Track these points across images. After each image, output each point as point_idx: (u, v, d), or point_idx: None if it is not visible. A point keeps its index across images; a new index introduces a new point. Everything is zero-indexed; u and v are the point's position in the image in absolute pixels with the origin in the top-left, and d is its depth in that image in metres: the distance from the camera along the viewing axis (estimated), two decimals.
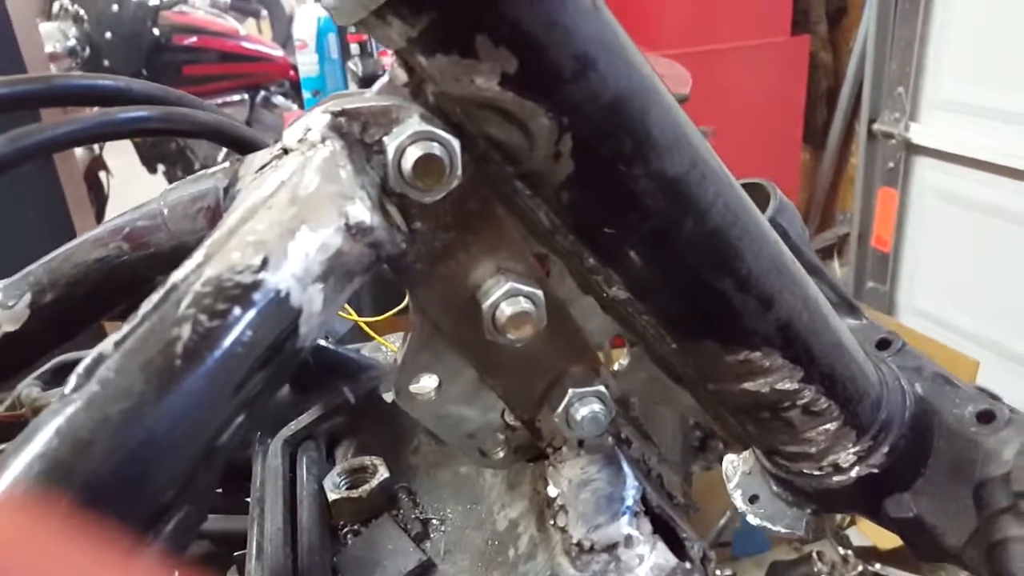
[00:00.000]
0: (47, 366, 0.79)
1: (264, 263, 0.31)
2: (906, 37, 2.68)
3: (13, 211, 1.94)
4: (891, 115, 2.80)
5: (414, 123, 0.36)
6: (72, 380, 0.27)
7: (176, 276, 0.31)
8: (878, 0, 2.71)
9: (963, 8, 2.52)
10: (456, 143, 0.36)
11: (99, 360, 0.28)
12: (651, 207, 0.38)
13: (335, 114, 0.36)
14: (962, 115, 2.58)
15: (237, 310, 0.30)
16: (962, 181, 2.63)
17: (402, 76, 0.37)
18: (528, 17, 0.33)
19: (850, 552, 2.36)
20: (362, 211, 0.34)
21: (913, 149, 2.79)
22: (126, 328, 0.29)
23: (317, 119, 0.36)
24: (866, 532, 2.39)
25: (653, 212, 0.38)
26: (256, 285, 0.30)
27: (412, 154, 0.36)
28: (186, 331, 0.28)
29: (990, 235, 2.55)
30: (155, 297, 0.30)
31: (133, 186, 4.18)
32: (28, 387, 0.79)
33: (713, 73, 2.70)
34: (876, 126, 2.86)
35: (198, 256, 0.31)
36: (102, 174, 4.11)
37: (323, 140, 0.36)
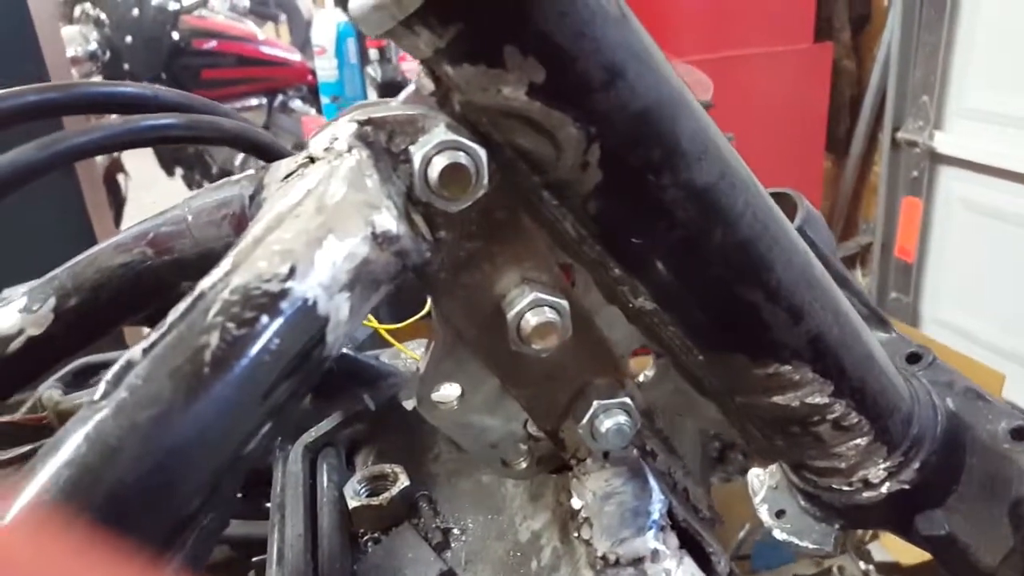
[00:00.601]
0: (68, 368, 0.80)
1: (291, 272, 0.31)
2: (931, 44, 2.65)
3: (33, 213, 1.96)
4: (915, 123, 2.77)
5: (440, 132, 0.36)
6: (101, 387, 0.27)
7: (204, 284, 0.31)
8: (902, 7, 2.68)
9: (989, 15, 2.49)
10: (483, 152, 0.36)
11: (128, 367, 0.28)
12: (680, 217, 0.37)
13: (361, 123, 0.36)
14: (988, 124, 2.55)
15: (265, 318, 0.29)
16: (987, 191, 2.60)
17: (429, 85, 0.37)
18: (557, 28, 0.32)
19: (872, 567, 2.33)
20: (388, 220, 0.34)
21: (937, 158, 2.76)
22: (154, 336, 0.29)
23: (343, 128, 0.36)
24: (888, 547, 2.35)
25: (682, 222, 0.38)
26: (283, 294, 0.30)
27: (438, 163, 0.36)
28: (214, 339, 0.28)
29: (1016, 246, 2.51)
30: (183, 305, 0.30)
31: (152, 190, 4.23)
32: (49, 389, 0.79)
33: (735, 80, 2.69)
34: (900, 134, 2.83)
35: (225, 264, 0.31)
36: (120, 177, 4.15)
37: (350, 149, 0.36)
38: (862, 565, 2.34)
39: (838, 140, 3.27)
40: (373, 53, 2.84)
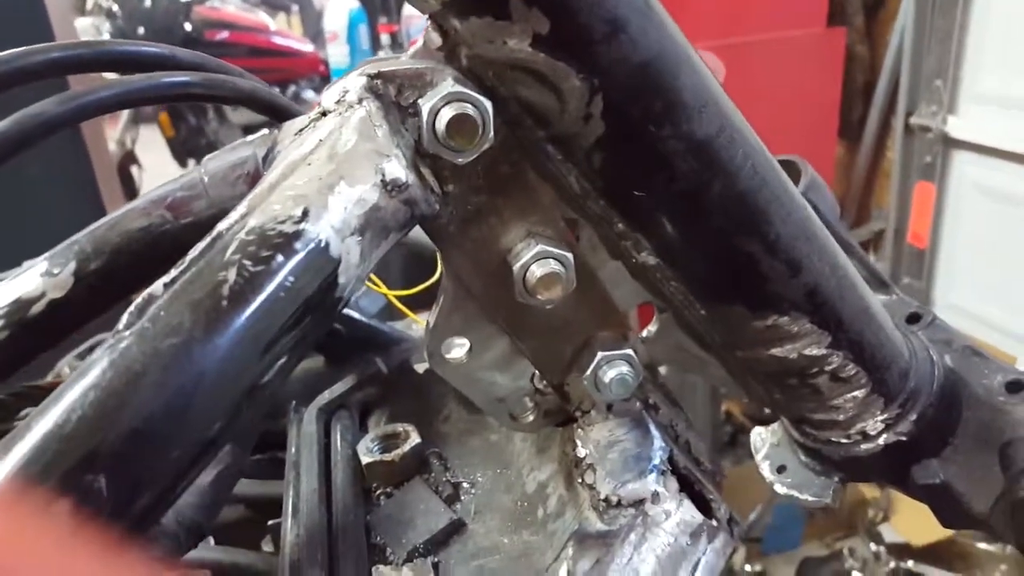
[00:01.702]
0: (85, 345, 0.81)
1: (305, 214, 0.32)
2: (944, 29, 2.63)
3: (49, 202, 1.99)
4: (928, 108, 2.75)
5: (448, 85, 0.37)
6: (124, 318, 0.29)
7: (221, 226, 0.32)
8: None
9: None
10: (488, 104, 0.37)
11: (149, 300, 0.29)
12: (680, 168, 0.38)
13: (371, 76, 0.37)
14: (1002, 108, 2.53)
15: (280, 257, 0.31)
16: (1001, 175, 2.58)
17: (436, 40, 0.38)
18: None
19: (882, 548, 2.34)
20: (397, 168, 0.36)
21: (951, 143, 2.74)
22: (174, 271, 0.30)
23: (354, 82, 0.38)
24: (899, 529, 2.36)
25: (682, 174, 0.39)
26: (297, 235, 0.32)
27: (446, 115, 0.37)
28: (232, 275, 0.30)
29: None
30: (201, 244, 0.31)
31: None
32: (68, 364, 0.81)
33: (748, 65, 2.67)
34: (913, 120, 2.81)
35: (242, 208, 0.33)
36: (134, 168, 4.19)
37: (360, 101, 0.37)
38: (872, 546, 2.34)
39: (851, 125, 3.25)
40: (385, 39, 2.86)
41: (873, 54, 3.20)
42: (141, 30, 4.38)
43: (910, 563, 2.28)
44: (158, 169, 4.44)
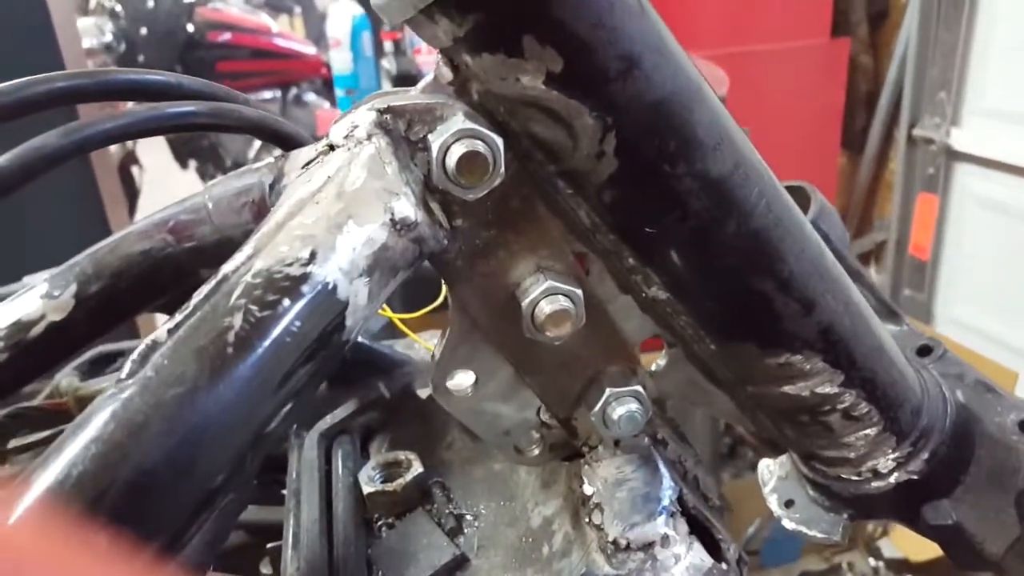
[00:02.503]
0: (85, 357, 0.81)
1: (312, 256, 0.31)
2: (948, 41, 2.63)
3: (50, 204, 1.99)
4: (932, 120, 2.76)
5: (458, 121, 0.36)
6: (127, 366, 0.28)
7: (227, 268, 0.31)
8: (920, 3, 2.66)
9: (1007, 12, 2.47)
10: (500, 141, 0.37)
11: (153, 347, 0.29)
12: (694, 207, 0.38)
13: (381, 111, 0.37)
14: (1005, 122, 2.53)
15: (287, 301, 0.30)
16: (1004, 189, 2.58)
17: (447, 74, 0.38)
18: (574, 17, 0.33)
19: (881, 564, 2.33)
20: (407, 207, 0.35)
21: (953, 155, 2.74)
22: (179, 317, 0.30)
23: (363, 116, 0.37)
24: (898, 544, 2.35)
25: (695, 212, 0.38)
26: (305, 277, 0.31)
27: (456, 151, 0.36)
28: (238, 320, 0.29)
29: None
30: (206, 288, 0.31)
31: (166, 183, 4.26)
32: (66, 377, 0.80)
33: (751, 75, 2.68)
34: (916, 131, 2.81)
35: (248, 249, 0.32)
36: (134, 169, 4.18)
37: (369, 137, 0.36)
38: (872, 561, 2.33)
39: (854, 136, 3.25)
40: (388, 46, 2.85)
41: (877, 65, 3.20)
42: (144, 31, 4.37)
43: None
44: (159, 169, 4.43)
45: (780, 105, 2.85)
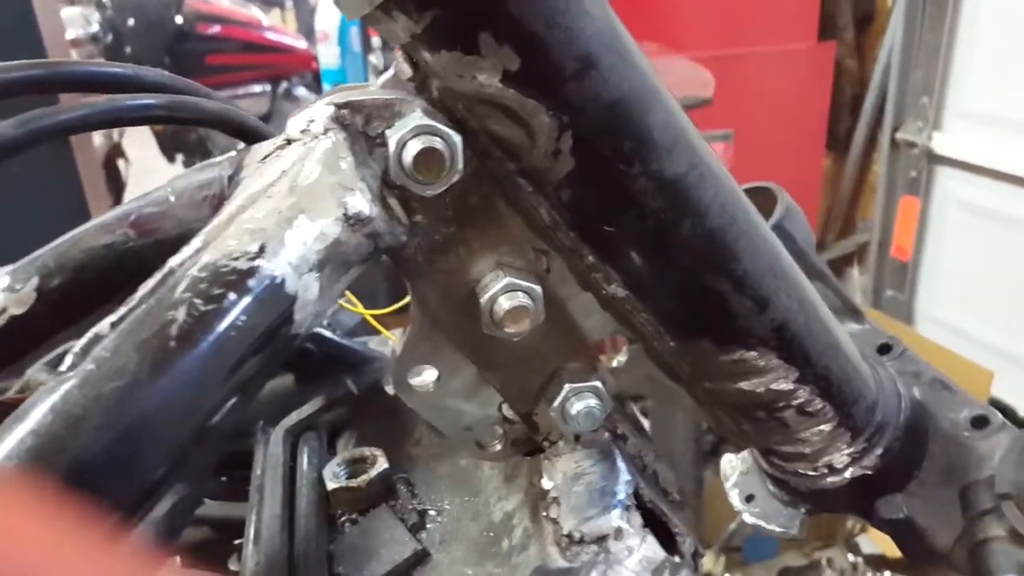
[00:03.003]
0: (56, 352, 0.80)
1: (261, 250, 0.32)
2: (932, 46, 2.65)
3: (29, 196, 1.97)
4: (914, 124, 2.78)
5: (416, 117, 0.37)
6: (68, 359, 0.28)
7: (174, 261, 0.31)
8: (905, 8, 2.68)
9: (989, 18, 2.49)
10: (457, 138, 0.37)
11: (95, 340, 0.29)
12: (649, 206, 0.38)
13: (339, 106, 0.37)
14: (986, 126, 2.56)
15: (232, 295, 0.30)
16: (984, 192, 2.60)
17: (407, 71, 0.38)
18: (531, 16, 0.33)
19: (860, 559, 2.35)
20: (361, 202, 0.35)
21: (935, 159, 2.76)
22: (123, 310, 0.30)
23: (320, 111, 0.37)
24: (877, 540, 2.37)
25: (651, 211, 0.38)
26: (251, 272, 0.31)
27: (413, 147, 0.36)
28: (181, 314, 0.29)
29: (1011, 247, 2.52)
30: (152, 281, 0.31)
31: (152, 175, 4.23)
32: (37, 372, 0.80)
33: (738, 77, 2.68)
34: (899, 135, 2.84)
35: (196, 242, 0.32)
36: (120, 162, 4.15)
37: (326, 131, 0.36)
38: (850, 557, 2.36)
39: (839, 139, 3.27)
40: (376, 41, 2.84)
41: (862, 68, 3.22)
42: (131, 21, 4.32)
43: (887, 574, 2.29)
44: (145, 163, 4.40)
45: (767, 107, 2.86)
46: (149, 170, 4.41)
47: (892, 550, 2.28)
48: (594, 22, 0.35)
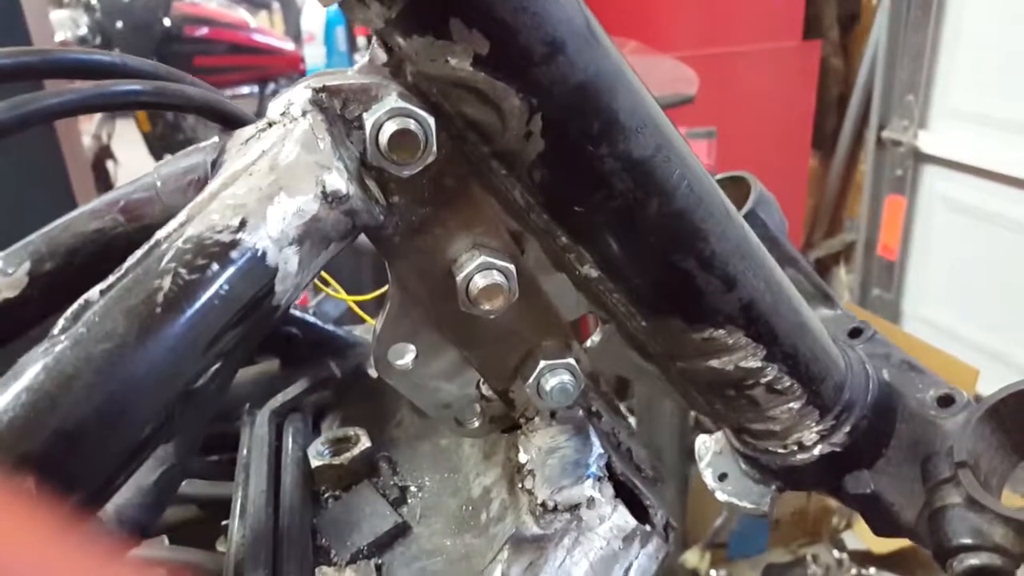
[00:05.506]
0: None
1: (242, 224, 0.33)
2: (917, 45, 2.68)
3: (19, 197, 1.97)
4: (900, 123, 2.81)
5: (392, 100, 0.38)
6: (60, 323, 0.30)
7: (160, 234, 0.33)
8: (890, 7, 2.71)
9: (974, 17, 2.52)
10: (431, 120, 0.38)
11: (86, 305, 0.30)
12: (617, 187, 0.40)
13: (317, 90, 0.38)
14: (971, 124, 2.58)
15: (215, 266, 0.32)
16: (970, 190, 2.63)
17: (382, 56, 0.39)
18: (499, 2, 0.35)
19: (845, 555, 2.38)
20: (338, 180, 0.37)
21: (921, 157, 2.79)
22: (112, 278, 0.31)
23: (299, 94, 0.39)
24: (862, 536, 2.39)
25: (619, 192, 0.40)
26: (234, 244, 0.32)
27: (388, 129, 0.38)
28: (167, 283, 0.31)
29: (997, 245, 2.55)
30: (139, 252, 0.32)
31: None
32: None
33: (724, 76, 2.71)
34: (885, 133, 2.86)
35: (181, 216, 0.34)
36: (109, 163, 4.15)
37: (304, 114, 0.38)
38: (836, 553, 2.38)
39: (825, 137, 3.29)
40: (361, 41, 2.85)
41: (848, 67, 3.25)
42: (119, 24, 4.32)
43: (872, 570, 2.32)
44: (134, 164, 4.39)
45: (752, 106, 2.88)
46: (138, 171, 4.39)
47: (877, 547, 2.31)
48: (561, 7, 0.37)
